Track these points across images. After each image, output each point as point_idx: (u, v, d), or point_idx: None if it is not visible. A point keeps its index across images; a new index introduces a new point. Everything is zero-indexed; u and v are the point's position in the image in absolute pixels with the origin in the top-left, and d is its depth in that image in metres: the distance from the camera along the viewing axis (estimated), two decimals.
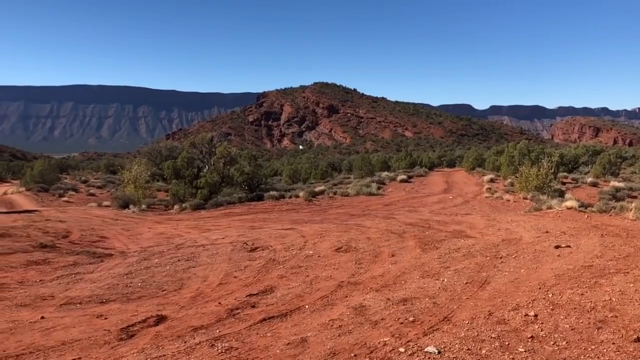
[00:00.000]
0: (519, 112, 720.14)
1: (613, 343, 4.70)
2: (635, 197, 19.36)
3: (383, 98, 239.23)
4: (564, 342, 4.77)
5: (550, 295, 6.16)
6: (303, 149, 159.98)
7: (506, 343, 4.80)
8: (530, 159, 26.70)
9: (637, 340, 4.70)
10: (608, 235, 9.80)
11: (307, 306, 6.31)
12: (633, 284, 6.38)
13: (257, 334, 5.37)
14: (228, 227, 14.55)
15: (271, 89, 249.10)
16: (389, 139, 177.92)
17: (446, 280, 7.14)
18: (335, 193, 23.94)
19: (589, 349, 4.60)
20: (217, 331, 5.51)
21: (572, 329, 5.06)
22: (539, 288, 6.47)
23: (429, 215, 14.93)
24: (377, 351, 4.73)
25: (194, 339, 5.28)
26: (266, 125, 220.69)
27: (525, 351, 4.61)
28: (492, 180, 30.04)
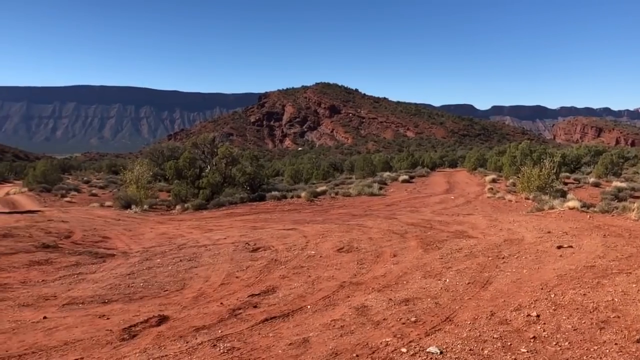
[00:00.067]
0: (521, 112, 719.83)
1: (615, 343, 4.69)
2: (637, 197, 19.31)
3: (385, 98, 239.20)
4: (567, 343, 4.76)
5: (552, 295, 6.15)
6: (303, 149, 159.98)
7: (508, 343, 4.80)
8: (532, 159, 26.61)
9: None
10: (610, 235, 9.77)
11: (309, 306, 6.31)
12: (635, 285, 6.36)
13: (259, 334, 5.38)
14: (230, 228, 14.56)
15: (273, 90, 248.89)
16: (391, 139, 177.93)
17: (448, 280, 7.13)
18: (337, 193, 23.90)
19: (592, 350, 4.59)
20: (219, 331, 5.51)
21: (575, 330, 5.05)
22: (541, 288, 6.46)
23: (431, 215, 14.91)
24: (379, 351, 4.72)
25: (196, 339, 5.28)
26: (268, 125, 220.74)
27: (527, 351, 4.60)
28: (494, 180, 29.96)
